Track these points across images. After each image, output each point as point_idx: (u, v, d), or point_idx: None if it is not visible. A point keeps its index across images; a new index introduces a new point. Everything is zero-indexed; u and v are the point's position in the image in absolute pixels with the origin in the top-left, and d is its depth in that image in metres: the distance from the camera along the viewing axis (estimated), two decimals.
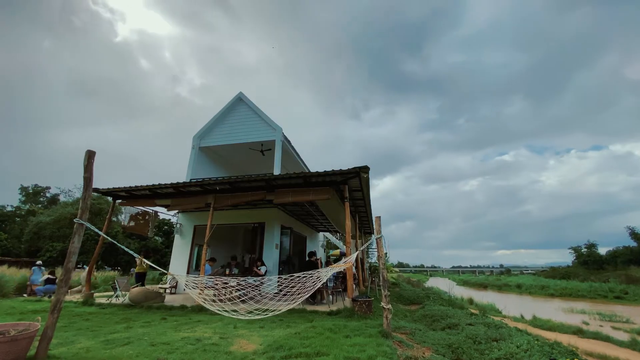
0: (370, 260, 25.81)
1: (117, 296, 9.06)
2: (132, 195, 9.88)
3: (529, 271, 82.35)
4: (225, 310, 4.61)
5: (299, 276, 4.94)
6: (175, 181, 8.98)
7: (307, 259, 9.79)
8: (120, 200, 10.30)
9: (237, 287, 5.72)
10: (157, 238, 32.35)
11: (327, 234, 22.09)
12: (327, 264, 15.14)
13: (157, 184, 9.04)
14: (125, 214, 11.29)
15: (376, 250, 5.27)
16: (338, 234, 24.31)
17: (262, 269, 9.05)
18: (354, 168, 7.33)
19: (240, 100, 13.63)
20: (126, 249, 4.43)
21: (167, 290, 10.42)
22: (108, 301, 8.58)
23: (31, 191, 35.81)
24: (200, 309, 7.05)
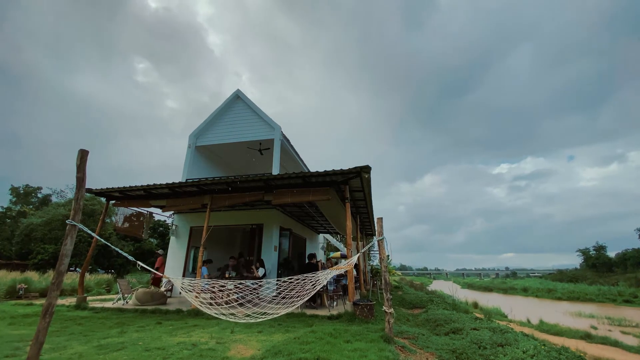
0: (371, 263, 25.80)
1: (119, 299, 9.07)
2: (126, 195, 9.88)
3: (536, 274, 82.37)
4: (223, 314, 4.61)
5: (297, 279, 4.94)
6: (170, 181, 8.99)
7: (307, 261, 9.79)
8: (114, 201, 10.30)
9: (234, 290, 5.72)
10: (152, 240, 32.36)
11: (328, 236, 22.10)
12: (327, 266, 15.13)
13: (151, 184, 9.04)
14: (119, 215, 11.28)
15: (378, 252, 5.26)
16: (339, 236, 24.33)
17: (260, 272, 9.05)
18: (355, 168, 7.33)
19: (237, 98, 13.63)
20: (120, 251, 4.42)
21: None
22: (114, 305, 8.59)
23: (22, 192, 35.80)
24: (196, 313, 7.05)
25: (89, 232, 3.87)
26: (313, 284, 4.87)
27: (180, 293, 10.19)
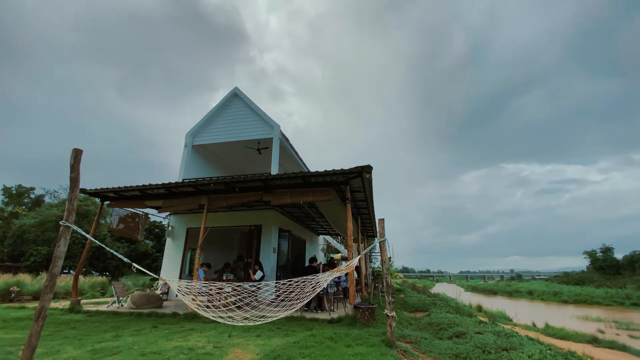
0: (373, 265, 25.78)
1: (114, 302, 9.06)
2: (121, 196, 9.88)
3: (541, 277, 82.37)
4: (220, 317, 4.62)
5: (297, 281, 4.94)
6: (167, 181, 8.99)
7: (307, 263, 9.79)
8: (108, 202, 10.30)
9: (232, 293, 5.73)
10: (147, 242, 32.35)
11: (328, 237, 22.09)
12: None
13: (147, 184, 9.04)
14: (113, 216, 11.28)
15: (379, 254, 5.26)
16: (339, 237, 24.31)
17: (258, 275, 9.04)
18: (356, 167, 7.33)
19: (235, 96, 13.62)
20: (115, 253, 4.43)
21: None
22: (108, 308, 8.59)
23: (14, 192, 35.78)
24: (193, 317, 7.05)
25: (83, 233, 3.87)
26: (313, 287, 4.87)
27: (176, 296, 10.18)
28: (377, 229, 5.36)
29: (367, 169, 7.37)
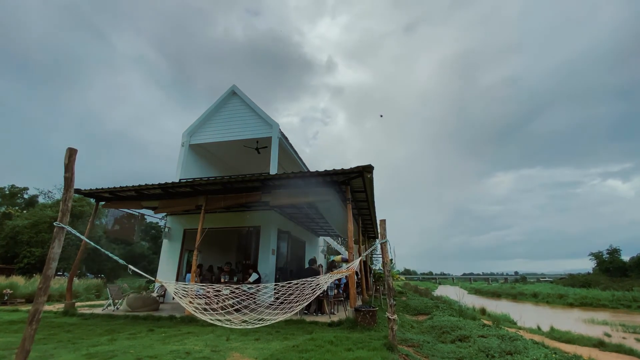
0: (374, 267, 25.78)
1: (109, 305, 9.06)
2: (116, 196, 9.88)
3: (547, 279, 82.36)
4: (218, 320, 4.61)
5: (296, 283, 4.94)
6: (163, 181, 8.98)
7: (307, 265, 9.79)
8: (103, 202, 10.30)
9: (230, 296, 5.73)
10: (143, 243, 32.39)
11: (328, 239, 22.10)
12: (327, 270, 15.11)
13: (143, 184, 9.04)
14: (109, 217, 11.30)
15: (381, 256, 5.27)
16: (339, 239, 24.32)
17: (253, 277, 9.04)
18: (357, 167, 7.33)
19: (233, 94, 13.62)
20: (110, 255, 4.42)
21: None
22: (103, 311, 8.59)
23: (7, 192, 35.77)
24: (190, 320, 7.05)
25: (78, 234, 3.87)
26: (313, 289, 4.87)
27: (173, 298, 10.18)
28: (379, 230, 5.36)
29: (368, 168, 7.37)
